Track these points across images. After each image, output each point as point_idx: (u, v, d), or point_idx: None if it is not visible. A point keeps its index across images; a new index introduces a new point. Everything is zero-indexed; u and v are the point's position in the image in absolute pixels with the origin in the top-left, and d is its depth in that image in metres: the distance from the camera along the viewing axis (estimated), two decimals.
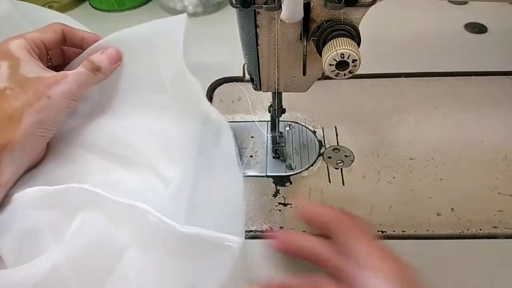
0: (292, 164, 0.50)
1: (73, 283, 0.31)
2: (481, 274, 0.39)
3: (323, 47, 0.33)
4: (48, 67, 0.41)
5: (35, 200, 0.35)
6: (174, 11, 0.79)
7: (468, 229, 0.43)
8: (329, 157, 0.51)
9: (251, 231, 0.44)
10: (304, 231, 0.43)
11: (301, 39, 0.36)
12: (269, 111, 0.48)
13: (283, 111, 0.47)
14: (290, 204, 0.46)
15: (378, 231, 0.43)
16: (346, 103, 0.58)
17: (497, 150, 0.50)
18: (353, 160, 0.50)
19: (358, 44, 0.33)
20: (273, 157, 0.51)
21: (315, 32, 0.34)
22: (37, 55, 0.39)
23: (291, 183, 0.48)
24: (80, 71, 0.39)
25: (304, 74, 0.37)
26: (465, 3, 0.77)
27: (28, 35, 0.40)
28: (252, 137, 0.54)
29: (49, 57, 0.43)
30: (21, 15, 0.48)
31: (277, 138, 0.50)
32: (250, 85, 0.43)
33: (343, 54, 0.31)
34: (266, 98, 0.56)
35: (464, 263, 0.40)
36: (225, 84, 0.62)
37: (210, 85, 0.61)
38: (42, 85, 0.37)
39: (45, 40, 0.40)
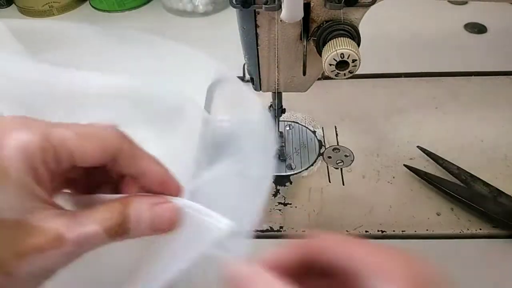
0: (292, 164, 0.50)
1: None
2: (481, 274, 0.39)
3: (323, 47, 0.33)
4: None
5: None
6: (176, 11, 0.79)
7: (468, 229, 0.43)
8: (329, 157, 0.51)
9: None
10: (304, 231, 0.43)
11: (301, 39, 0.36)
12: (269, 111, 0.48)
13: (283, 111, 0.47)
14: (290, 204, 0.46)
15: (378, 231, 0.43)
16: (346, 103, 0.58)
17: (497, 150, 0.50)
18: (353, 160, 0.50)
19: (358, 44, 0.33)
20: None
21: (315, 32, 0.34)
22: (49, 171, 0.22)
23: (291, 183, 0.48)
24: (90, 233, 0.21)
25: (304, 74, 0.37)
26: (465, 3, 0.77)
27: (54, 132, 0.22)
28: None
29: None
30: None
31: (277, 138, 0.50)
32: (250, 85, 0.43)
33: (343, 54, 0.31)
34: (266, 98, 0.56)
35: (464, 263, 0.40)
36: None
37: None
38: (11, 250, 0.20)
39: (78, 152, 0.22)
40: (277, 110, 0.46)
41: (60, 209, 0.22)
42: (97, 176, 0.26)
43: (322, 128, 0.54)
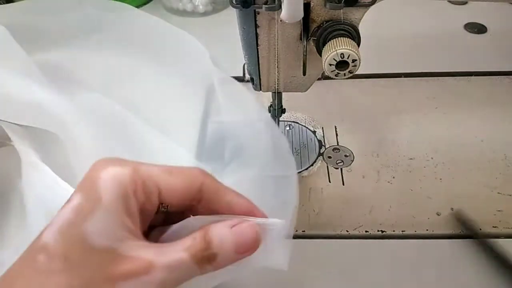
0: None
1: None
2: (481, 274, 0.39)
3: (323, 47, 0.33)
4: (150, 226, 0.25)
5: None
6: (176, 11, 0.79)
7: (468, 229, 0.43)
8: (329, 157, 0.51)
9: None
10: (304, 231, 0.43)
11: (301, 39, 0.36)
12: (269, 111, 0.48)
13: (283, 111, 0.47)
14: None
15: (378, 231, 0.43)
16: (346, 103, 0.58)
17: (497, 150, 0.50)
18: (353, 160, 0.50)
19: (358, 44, 0.33)
20: None
21: (315, 32, 0.34)
22: (139, 204, 0.23)
23: None
24: (178, 260, 0.22)
25: (304, 74, 0.37)
26: (465, 3, 0.77)
27: (143, 167, 0.24)
28: None
29: (164, 206, 0.25)
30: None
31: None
32: (250, 85, 0.43)
33: (343, 54, 0.31)
34: (266, 98, 0.56)
35: (464, 263, 0.40)
36: None
37: None
38: (102, 274, 0.21)
39: (165, 187, 0.24)
40: (277, 110, 0.46)
41: (146, 241, 0.23)
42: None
43: (322, 128, 0.54)
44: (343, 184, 0.47)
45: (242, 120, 0.38)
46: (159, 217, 0.26)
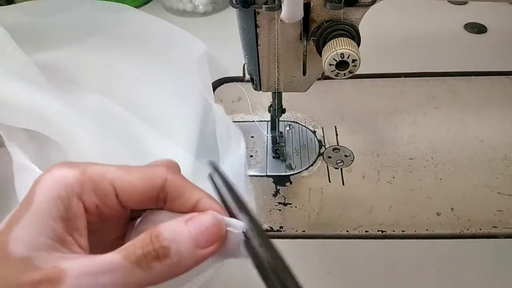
0: (292, 164, 0.50)
1: None
2: (481, 274, 0.39)
3: (323, 47, 0.33)
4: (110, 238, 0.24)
5: None
6: (176, 11, 0.79)
7: (467, 229, 0.43)
8: (329, 157, 0.51)
9: None
10: (304, 231, 0.43)
11: (301, 39, 0.36)
12: (269, 111, 0.48)
13: (283, 111, 0.47)
14: (290, 204, 0.46)
15: (378, 231, 0.43)
16: (346, 103, 0.58)
17: (497, 150, 0.50)
18: (353, 160, 0.50)
19: (358, 44, 0.33)
20: (273, 157, 0.51)
21: (315, 32, 0.34)
22: (88, 206, 0.22)
23: (291, 183, 0.48)
24: (104, 262, 0.20)
25: (304, 74, 0.37)
26: (465, 3, 0.77)
27: (95, 168, 0.22)
28: (252, 137, 0.54)
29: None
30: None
31: (277, 138, 0.50)
32: (250, 85, 0.43)
33: (343, 54, 0.31)
34: (266, 98, 0.56)
35: (464, 263, 0.40)
36: (225, 84, 0.62)
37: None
38: (13, 284, 0.19)
39: (121, 186, 0.22)
40: (277, 110, 0.46)
41: (78, 251, 0.21)
42: None
43: (322, 128, 0.54)
44: (343, 184, 0.47)
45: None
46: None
